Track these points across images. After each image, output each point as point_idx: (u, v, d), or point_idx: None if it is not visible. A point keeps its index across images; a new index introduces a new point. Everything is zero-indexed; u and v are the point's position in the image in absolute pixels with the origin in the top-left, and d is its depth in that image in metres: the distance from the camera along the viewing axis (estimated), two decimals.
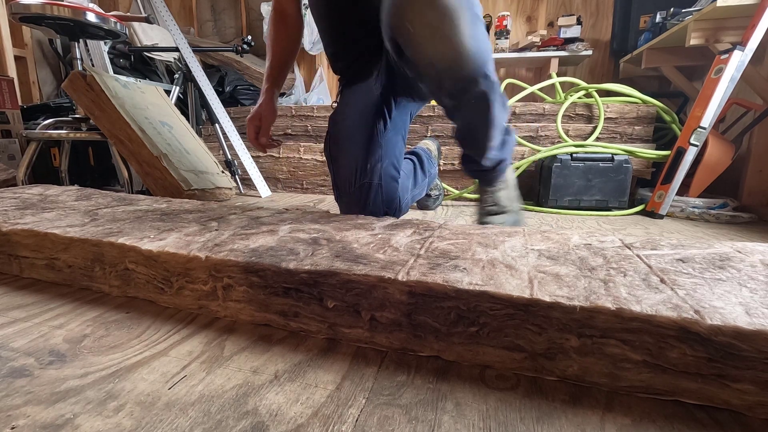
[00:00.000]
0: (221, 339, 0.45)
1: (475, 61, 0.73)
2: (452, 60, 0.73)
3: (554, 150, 1.58)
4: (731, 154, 1.45)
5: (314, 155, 1.94)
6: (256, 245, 0.52)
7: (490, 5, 2.60)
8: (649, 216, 1.47)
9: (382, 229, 0.62)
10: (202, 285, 0.50)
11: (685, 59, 1.85)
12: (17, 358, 0.40)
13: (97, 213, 0.73)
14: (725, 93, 1.33)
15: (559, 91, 1.89)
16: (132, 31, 2.35)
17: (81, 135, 1.50)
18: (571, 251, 0.51)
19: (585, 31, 2.41)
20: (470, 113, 0.84)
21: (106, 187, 1.97)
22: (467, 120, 0.86)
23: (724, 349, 0.32)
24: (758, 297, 0.37)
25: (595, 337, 0.35)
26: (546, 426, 0.32)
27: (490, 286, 0.39)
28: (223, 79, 2.49)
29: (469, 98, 0.80)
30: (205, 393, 0.35)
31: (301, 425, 0.32)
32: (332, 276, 0.43)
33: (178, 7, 3.00)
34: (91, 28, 1.43)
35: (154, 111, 1.57)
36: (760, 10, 1.27)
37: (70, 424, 0.31)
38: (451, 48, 0.71)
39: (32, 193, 0.93)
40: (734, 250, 0.51)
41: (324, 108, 2.01)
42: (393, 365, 0.40)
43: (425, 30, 0.71)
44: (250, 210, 0.78)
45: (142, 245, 0.52)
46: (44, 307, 0.53)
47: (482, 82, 0.77)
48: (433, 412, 0.33)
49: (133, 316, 0.50)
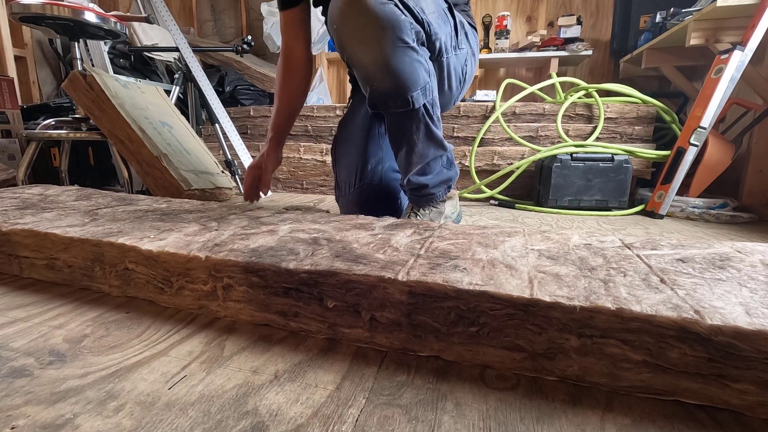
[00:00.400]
0: (221, 339, 0.45)
1: (393, 81, 0.79)
2: (366, 70, 0.81)
3: (554, 150, 1.58)
4: (731, 154, 1.45)
5: (314, 155, 1.94)
6: (256, 245, 0.52)
7: (490, 5, 2.60)
8: (649, 216, 1.47)
9: (382, 229, 0.62)
10: (202, 285, 0.50)
11: (685, 59, 1.85)
12: (17, 358, 0.40)
13: (97, 213, 0.73)
14: (725, 93, 1.33)
15: (559, 91, 1.89)
16: (132, 31, 2.35)
17: (81, 135, 1.50)
18: (571, 251, 0.51)
19: (585, 31, 2.41)
20: (392, 127, 0.90)
21: (106, 187, 1.97)
22: (390, 131, 0.91)
23: (724, 349, 0.32)
24: (758, 297, 0.37)
25: (595, 337, 0.35)
26: (546, 426, 0.32)
27: (490, 286, 0.39)
28: (223, 79, 2.49)
29: (390, 113, 0.86)
30: (205, 393, 0.35)
31: (301, 425, 0.32)
32: (332, 276, 0.43)
33: (178, 7, 3.00)
34: (90, 28, 1.42)
35: (154, 111, 1.57)
36: (760, 10, 1.27)
37: (70, 424, 0.31)
38: (370, 57, 0.78)
39: (32, 193, 0.93)
40: (734, 250, 0.51)
41: (324, 108, 2.01)
42: (393, 365, 0.40)
43: (351, 36, 0.78)
44: (250, 210, 0.78)
45: (142, 245, 0.52)
46: (44, 307, 0.53)
47: (400, 103, 0.82)
48: (433, 412, 0.33)
49: (133, 316, 0.50)
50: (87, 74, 1.38)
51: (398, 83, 0.79)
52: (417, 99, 0.82)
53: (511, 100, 1.79)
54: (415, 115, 0.85)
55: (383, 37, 0.75)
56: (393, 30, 0.75)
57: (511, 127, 1.75)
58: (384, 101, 0.83)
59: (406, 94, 0.81)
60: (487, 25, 2.46)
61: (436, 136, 0.91)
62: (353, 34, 0.78)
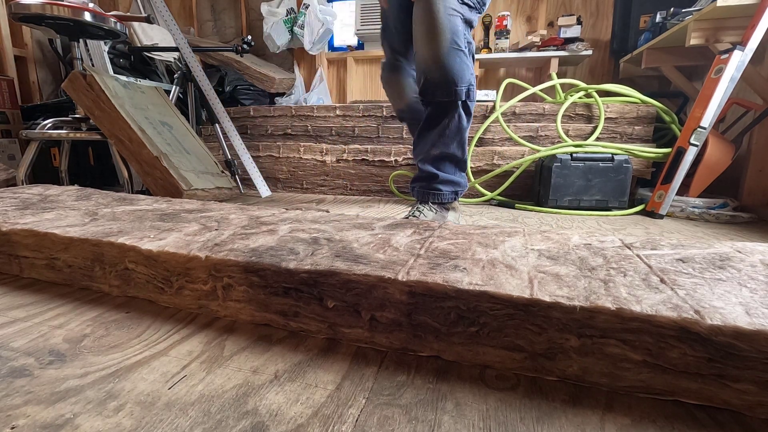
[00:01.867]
0: (221, 339, 0.45)
1: (444, 74, 0.98)
2: (426, 63, 0.99)
3: (554, 150, 1.58)
4: (731, 154, 1.45)
5: (314, 155, 1.94)
6: (256, 245, 0.52)
7: (490, 5, 2.59)
8: (649, 216, 1.47)
9: (382, 228, 0.62)
10: (202, 285, 0.50)
11: (685, 59, 1.85)
12: (17, 357, 0.40)
13: (97, 213, 0.73)
14: (725, 93, 1.33)
15: (559, 91, 1.89)
16: (132, 31, 2.35)
17: (81, 135, 1.50)
18: (571, 251, 0.51)
19: (585, 31, 2.41)
20: (430, 115, 1.06)
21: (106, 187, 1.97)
22: (427, 119, 1.07)
23: (724, 349, 0.32)
24: (758, 297, 0.37)
25: (595, 337, 0.35)
26: (546, 426, 0.32)
27: (490, 286, 0.39)
28: (223, 79, 2.49)
29: (435, 102, 1.03)
30: (205, 393, 0.35)
31: (301, 425, 0.32)
32: (332, 276, 0.43)
33: (178, 7, 3.00)
34: (90, 28, 1.43)
35: (154, 111, 1.57)
36: (760, 10, 1.27)
37: (70, 424, 0.31)
38: (429, 54, 0.98)
39: (32, 193, 0.93)
40: (734, 250, 0.51)
41: (324, 108, 2.01)
42: (393, 365, 0.40)
43: (417, 36, 1.00)
44: (250, 210, 0.78)
45: (142, 245, 0.52)
46: (44, 306, 0.53)
47: (445, 94, 1.00)
48: (433, 412, 0.33)
49: (133, 315, 0.50)
50: (87, 74, 1.38)
51: (447, 77, 0.98)
52: (460, 93, 0.99)
53: (512, 100, 1.79)
54: (454, 107, 1.01)
55: (443, 39, 0.95)
56: (452, 34, 0.96)
57: (511, 127, 1.75)
58: (433, 90, 1.01)
59: (453, 86, 0.99)
60: (487, 25, 2.46)
61: (463, 139, 1.06)
62: (423, 34, 0.98)
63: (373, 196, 1.87)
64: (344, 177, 1.92)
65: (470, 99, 1.02)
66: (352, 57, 2.76)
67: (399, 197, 1.81)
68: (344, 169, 1.91)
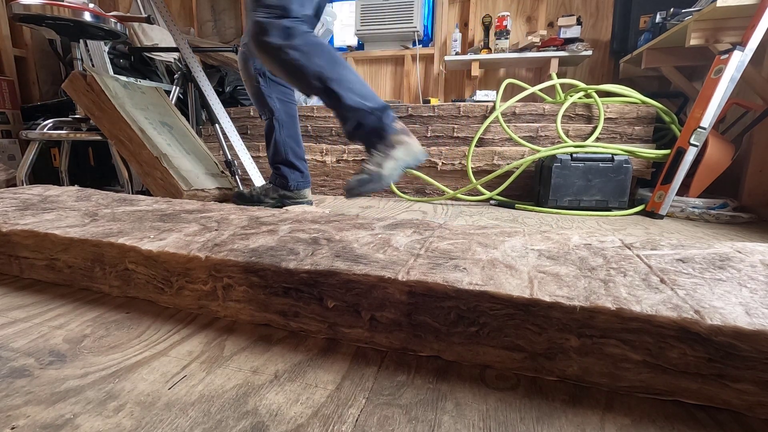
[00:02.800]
0: (221, 339, 0.45)
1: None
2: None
3: (554, 150, 1.58)
4: (731, 154, 1.45)
5: (314, 155, 1.94)
6: (256, 245, 0.52)
7: (490, 5, 2.60)
8: (649, 216, 1.47)
9: (382, 228, 0.62)
10: (202, 285, 0.50)
11: (685, 59, 1.85)
12: (17, 358, 0.40)
13: (97, 213, 0.73)
14: (725, 93, 1.33)
15: (559, 92, 1.89)
16: (132, 32, 2.35)
17: (81, 135, 1.50)
18: (571, 251, 0.51)
19: (585, 31, 2.41)
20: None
21: (106, 187, 1.97)
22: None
23: (724, 349, 0.32)
24: (758, 297, 0.37)
25: (595, 337, 0.35)
26: (546, 426, 0.32)
27: (490, 286, 0.39)
28: (223, 79, 2.49)
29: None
30: (205, 393, 0.35)
31: (301, 425, 0.32)
32: (332, 276, 0.43)
33: (178, 7, 3.01)
34: (90, 28, 1.43)
35: (154, 111, 1.57)
36: (760, 10, 1.27)
37: (70, 424, 0.31)
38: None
39: (32, 193, 0.93)
40: (734, 250, 0.51)
41: (324, 108, 2.01)
42: (393, 365, 0.40)
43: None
44: (250, 210, 0.78)
45: (142, 245, 0.52)
46: (44, 307, 0.53)
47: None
48: (433, 412, 0.33)
49: (133, 316, 0.50)
50: (87, 74, 1.38)
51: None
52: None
53: (510, 100, 1.79)
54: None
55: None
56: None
57: (511, 128, 1.75)
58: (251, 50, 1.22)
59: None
60: (487, 25, 2.46)
61: (310, 68, 1.10)
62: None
63: (373, 196, 1.87)
64: (344, 177, 1.92)
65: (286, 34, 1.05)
66: (352, 57, 2.76)
67: (399, 197, 1.81)
68: (344, 170, 1.91)
